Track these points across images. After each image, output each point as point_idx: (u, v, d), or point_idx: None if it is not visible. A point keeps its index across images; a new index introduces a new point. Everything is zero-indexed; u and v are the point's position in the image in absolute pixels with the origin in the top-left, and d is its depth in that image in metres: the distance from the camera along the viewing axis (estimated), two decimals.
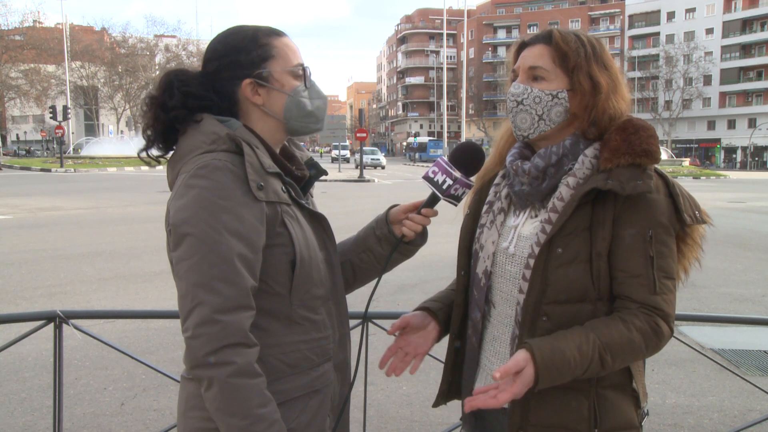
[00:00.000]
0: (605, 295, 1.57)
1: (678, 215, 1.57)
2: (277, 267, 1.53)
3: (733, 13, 77.65)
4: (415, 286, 8.12)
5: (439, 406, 1.90)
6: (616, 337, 1.50)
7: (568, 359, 1.46)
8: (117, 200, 19.59)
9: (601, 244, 1.55)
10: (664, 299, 1.54)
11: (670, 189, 1.59)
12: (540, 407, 1.60)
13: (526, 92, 1.66)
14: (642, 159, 1.56)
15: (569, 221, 1.57)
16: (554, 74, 1.64)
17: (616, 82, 1.66)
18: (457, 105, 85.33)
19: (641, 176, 1.54)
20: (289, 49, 1.65)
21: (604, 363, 1.50)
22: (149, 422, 4.29)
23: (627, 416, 1.61)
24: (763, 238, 13.80)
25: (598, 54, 1.65)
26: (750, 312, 7.54)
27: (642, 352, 1.54)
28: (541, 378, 1.46)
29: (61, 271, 8.86)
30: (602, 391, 1.59)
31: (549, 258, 1.57)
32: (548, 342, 1.49)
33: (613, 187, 1.53)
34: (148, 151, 1.63)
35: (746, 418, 4.43)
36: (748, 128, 73.54)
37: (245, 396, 1.40)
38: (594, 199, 1.57)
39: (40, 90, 56.08)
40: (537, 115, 1.65)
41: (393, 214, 1.82)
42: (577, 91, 1.63)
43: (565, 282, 1.55)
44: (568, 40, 1.64)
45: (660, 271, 1.54)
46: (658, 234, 1.54)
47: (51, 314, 2.88)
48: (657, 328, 1.52)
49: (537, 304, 1.58)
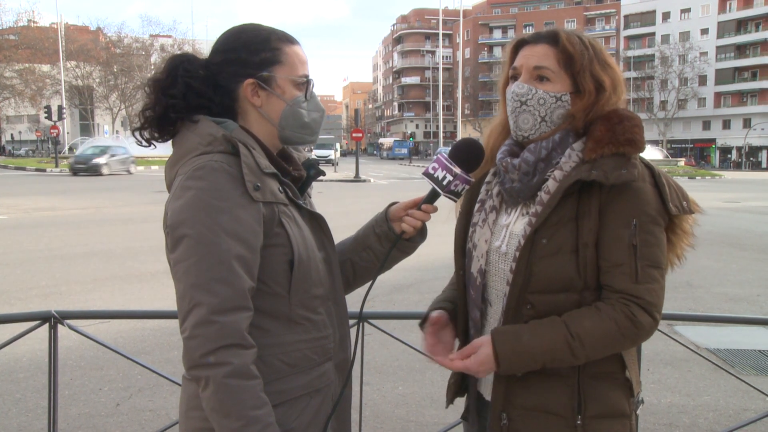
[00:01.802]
0: (593, 284, 1.58)
1: (663, 205, 1.57)
2: (275, 267, 1.53)
3: (728, 14, 77.82)
4: (411, 286, 8.13)
5: (433, 407, 1.91)
6: (588, 327, 1.51)
7: (528, 344, 1.52)
8: (113, 200, 19.55)
9: (587, 234, 1.55)
10: (647, 288, 1.53)
11: (655, 178, 1.58)
12: (523, 390, 1.62)
13: (531, 93, 1.66)
14: (625, 148, 1.56)
15: (554, 213, 1.57)
16: (559, 76, 1.64)
17: (616, 81, 1.66)
18: (452, 105, 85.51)
19: (625, 165, 1.54)
20: (298, 58, 1.64)
21: (574, 352, 1.51)
22: (145, 423, 4.28)
23: (616, 404, 1.61)
24: (758, 238, 13.85)
25: (599, 54, 1.65)
26: (745, 312, 7.56)
27: (619, 342, 1.54)
28: (501, 361, 1.54)
29: (56, 272, 8.84)
30: (589, 379, 1.60)
31: (534, 249, 1.58)
32: (510, 327, 1.57)
33: (597, 178, 1.53)
34: (141, 132, 1.62)
35: (741, 417, 4.43)
36: (743, 128, 73.72)
37: (240, 397, 1.40)
38: (580, 190, 1.57)
39: (34, 90, 55.87)
40: (540, 117, 1.66)
41: (393, 212, 1.83)
42: (581, 94, 1.63)
43: (549, 272, 1.56)
44: (573, 42, 1.64)
45: (644, 260, 1.53)
46: (643, 223, 1.54)
47: (46, 314, 2.87)
48: (633, 317, 1.51)
49: (522, 293, 1.59)
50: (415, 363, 5.28)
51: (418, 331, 1.88)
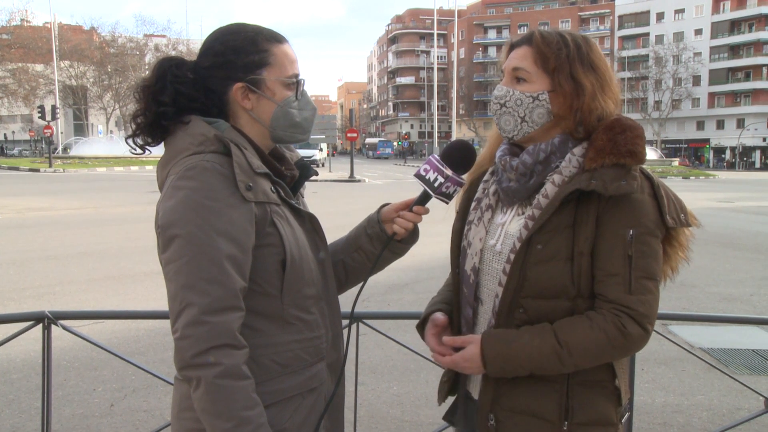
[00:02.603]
0: (586, 293, 1.58)
1: (661, 217, 1.56)
2: (267, 267, 1.53)
3: (721, 14, 78.04)
4: (406, 286, 8.13)
5: (428, 407, 1.91)
6: (577, 336, 1.51)
7: (516, 351, 1.53)
8: (106, 200, 19.49)
9: (583, 243, 1.55)
10: (640, 299, 1.52)
11: (654, 190, 1.58)
12: (511, 393, 1.63)
13: (509, 94, 1.67)
14: (626, 159, 1.55)
15: (551, 219, 1.57)
16: (536, 76, 1.64)
17: (604, 81, 1.65)
18: (447, 105, 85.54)
19: (625, 177, 1.54)
20: (287, 58, 1.63)
21: (562, 360, 1.52)
22: (139, 423, 4.27)
23: (603, 413, 1.61)
24: (752, 237, 13.90)
25: (583, 53, 1.64)
26: (739, 311, 7.58)
27: (608, 353, 1.54)
28: (487, 363, 1.56)
29: (50, 272, 8.81)
30: (577, 386, 1.60)
31: (528, 254, 1.58)
32: (501, 332, 1.58)
33: (596, 188, 1.53)
34: (134, 138, 1.62)
35: (735, 416, 4.45)
36: (737, 128, 73.98)
37: (231, 398, 1.40)
38: (578, 198, 1.57)
39: (28, 89, 55.58)
40: (519, 117, 1.66)
41: (384, 213, 1.83)
42: (559, 93, 1.63)
43: (542, 278, 1.56)
44: (549, 41, 1.64)
45: (638, 271, 1.53)
46: (640, 234, 1.54)
47: (39, 315, 2.86)
48: (623, 328, 1.51)
49: (515, 297, 1.60)
50: (409, 363, 5.28)
51: (413, 331, 1.88)
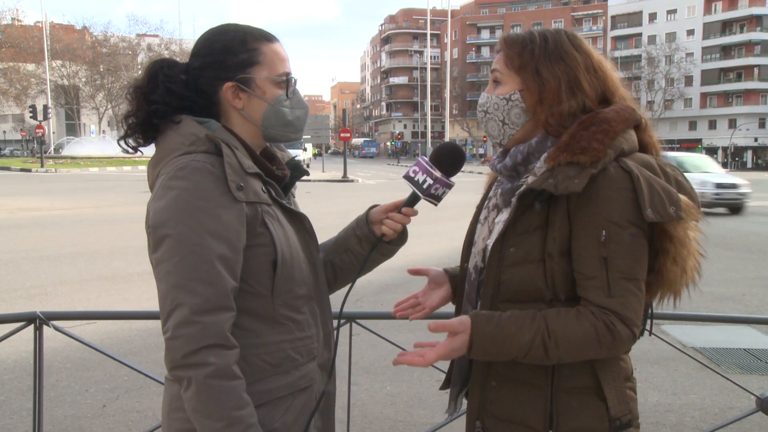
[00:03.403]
0: (562, 296, 1.54)
1: (639, 212, 1.46)
2: (258, 267, 1.53)
3: (713, 15, 78.36)
4: (399, 287, 8.12)
5: (421, 407, 1.91)
6: (565, 326, 1.47)
7: (505, 331, 1.48)
8: (99, 200, 19.42)
9: (551, 244, 1.52)
10: (621, 302, 1.47)
11: (634, 183, 1.48)
12: (497, 400, 1.62)
13: (489, 100, 1.67)
14: (579, 157, 1.48)
15: (520, 220, 1.55)
16: (508, 77, 1.64)
17: (578, 71, 1.60)
18: (440, 105, 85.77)
19: (579, 175, 1.47)
20: (277, 56, 1.63)
21: (547, 349, 1.47)
22: (131, 424, 4.25)
23: (588, 422, 1.56)
24: (744, 237, 13.96)
25: (550, 48, 1.60)
26: (731, 311, 7.61)
27: (594, 348, 1.48)
28: (474, 345, 1.49)
29: (42, 272, 8.77)
30: (561, 393, 1.56)
31: (502, 257, 1.57)
32: (490, 312, 1.52)
33: (548, 187, 1.48)
34: (126, 139, 1.62)
35: (727, 415, 4.47)
36: (729, 129, 74.29)
37: (222, 398, 1.39)
38: (549, 198, 1.53)
39: (19, 89, 55.42)
40: (500, 121, 1.65)
41: (373, 214, 1.83)
42: (528, 90, 1.62)
43: (516, 281, 1.55)
44: (514, 41, 1.64)
45: (616, 272, 1.47)
46: (612, 233, 1.47)
47: (31, 315, 2.84)
48: (612, 326, 1.47)
49: (493, 302, 1.59)
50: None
51: (407, 331, 1.88)
